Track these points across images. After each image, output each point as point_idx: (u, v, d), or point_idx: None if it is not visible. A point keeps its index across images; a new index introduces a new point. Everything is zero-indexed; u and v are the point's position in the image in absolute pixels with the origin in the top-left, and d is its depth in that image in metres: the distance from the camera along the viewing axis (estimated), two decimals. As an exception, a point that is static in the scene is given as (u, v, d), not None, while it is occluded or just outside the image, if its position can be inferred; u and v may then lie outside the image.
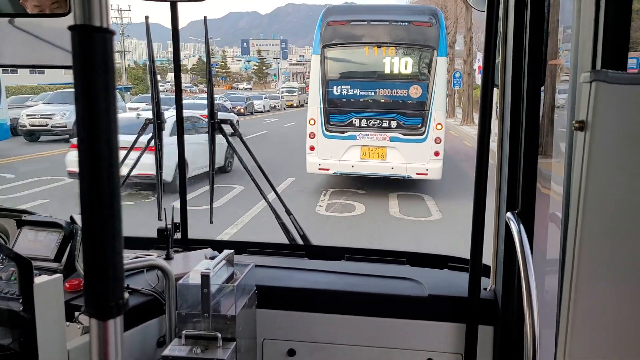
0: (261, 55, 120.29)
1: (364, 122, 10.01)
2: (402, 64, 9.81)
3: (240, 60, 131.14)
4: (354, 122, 10.00)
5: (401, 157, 9.91)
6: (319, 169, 10.28)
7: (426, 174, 9.91)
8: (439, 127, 9.77)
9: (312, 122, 10.08)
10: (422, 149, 9.79)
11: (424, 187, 11.11)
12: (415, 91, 9.81)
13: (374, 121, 9.99)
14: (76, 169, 0.63)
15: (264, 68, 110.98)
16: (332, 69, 9.99)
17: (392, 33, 9.81)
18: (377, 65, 9.90)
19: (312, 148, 10.14)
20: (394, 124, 9.92)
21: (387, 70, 9.84)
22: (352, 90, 9.94)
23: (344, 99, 10.01)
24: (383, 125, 9.99)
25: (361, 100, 10.01)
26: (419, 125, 9.85)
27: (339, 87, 9.95)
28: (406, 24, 9.79)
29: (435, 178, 10.04)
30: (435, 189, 10.90)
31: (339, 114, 10.03)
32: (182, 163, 2.51)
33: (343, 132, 10.01)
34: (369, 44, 9.84)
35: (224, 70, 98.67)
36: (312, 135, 10.11)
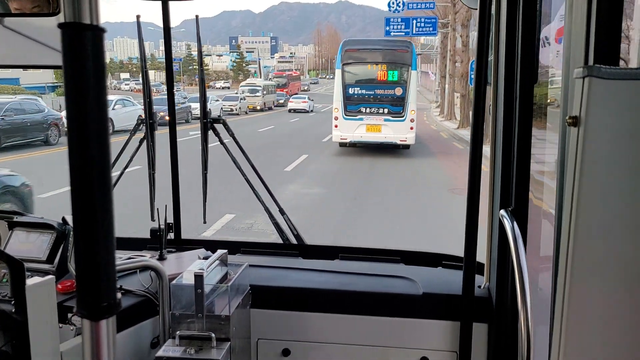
0: (240, 50, 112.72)
1: (367, 110, 16.13)
2: (390, 74, 16.07)
3: (223, 57, 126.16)
4: (362, 110, 16.14)
5: (391, 131, 16.05)
6: (340, 139, 16.54)
7: (406, 141, 16.14)
8: (412, 112, 15.99)
9: (336, 110, 16.32)
10: (402, 126, 15.99)
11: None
12: (398, 91, 15.99)
13: (374, 109, 16.13)
14: None
15: (243, 65, 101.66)
16: (348, 77, 16.22)
17: (384, 56, 16.19)
18: (376, 76, 16.13)
19: (336, 126, 16.36)
20: (385, 110, 16.05)
21: (382, 79, 16.09)
22: (360, 90, 16.14)
23: (355, 96, 16.14)
24: (379, 112, 16.09)
25: (366, 96, 16.14)
26: (401, 112, 16.02)
27: (353, 88, 16.16)
28: (393, 50, 16.33)
29: (411, 143, 16.27)
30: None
31: (353, 105, 16.14)
32: (174, 162, 2.50)
33: (355, 116, 16.10)
34: (371, 63, 16.17)
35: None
36: (336, 118, 16.30)
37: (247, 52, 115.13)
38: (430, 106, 45.27)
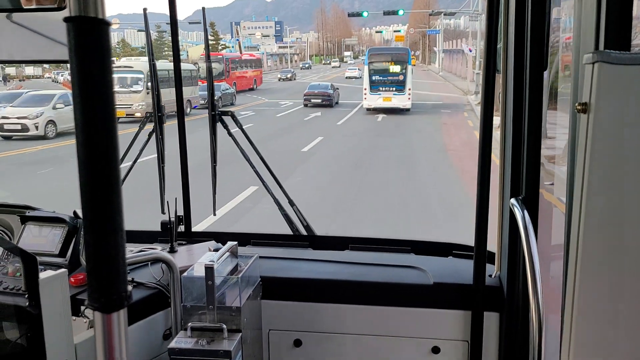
0: (214, 29, 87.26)
1: (383, 89, 26.27)
2: (396, 68, 26.44)
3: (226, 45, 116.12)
4: (380, 89, 26.27)
5: (397, 100, 26.11)
6: (367, 106, 26.59)
7: (406, 106, 26.11)
8: (409, 90, 26.12)
9: (365, 89, 26.56)
10: (404, 97, 26.08)
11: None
12: (401, 77, 26.39)
13: (387, 88, 26.27)
14: None
15: (219, 47, 77.80)
16: (372, 69, 26.54)
17: (392, 57, 27.02)
18: (388, 68, 26.64)
19: (365, 98, 26.59)
20: (394, 89, 26.24)
21: (392, 70, 26.62)
22: (379, 77, 26.47)
23: (376, 80, 26.38)
24: (390, 90, 26.23)
25: (382, 81, 26.41)
26: (402, 89, 26.12)
27: (374, 76, 26.45)
28: (397, 53, 28.11)
29: (409, 107, 26.18)
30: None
31: (375, 86, 26.36)
32: (184, 154, 2.50)
33: (376, 92, 26.26)
34: (385, 61, 26.83)
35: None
36: (365, 94, 26.56)
37: (209, 28, 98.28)
38: (469, 102, 28.04)
